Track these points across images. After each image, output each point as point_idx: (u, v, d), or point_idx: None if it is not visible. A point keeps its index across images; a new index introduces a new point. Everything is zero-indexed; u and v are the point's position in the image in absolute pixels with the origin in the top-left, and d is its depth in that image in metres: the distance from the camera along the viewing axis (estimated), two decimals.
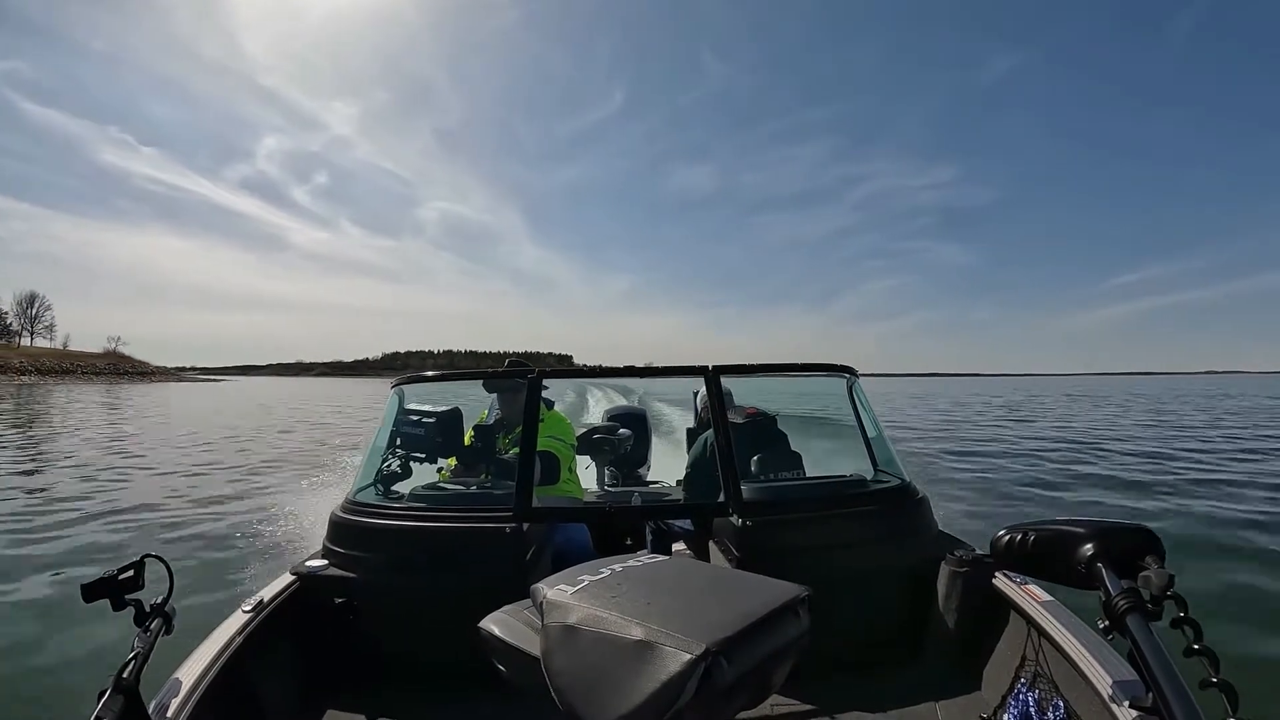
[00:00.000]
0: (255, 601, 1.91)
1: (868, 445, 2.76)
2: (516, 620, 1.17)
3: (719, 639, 0.92)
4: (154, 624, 1.28)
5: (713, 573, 1.46)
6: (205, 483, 8.88)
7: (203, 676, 1.54)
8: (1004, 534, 1.25)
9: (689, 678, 0.88)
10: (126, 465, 10.58)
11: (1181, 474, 9.61)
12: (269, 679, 1.85)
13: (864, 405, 2.81)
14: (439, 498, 2.45)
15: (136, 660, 1.19)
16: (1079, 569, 1.12)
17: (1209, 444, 13.59)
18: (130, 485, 8.73)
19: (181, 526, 6.39)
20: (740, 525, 2.11)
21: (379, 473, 2.57)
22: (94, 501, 7.54)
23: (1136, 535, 1.13)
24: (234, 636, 1.73)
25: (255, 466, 10.60)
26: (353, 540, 2.16)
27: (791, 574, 1.28)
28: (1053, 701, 1.62)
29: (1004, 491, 8.42)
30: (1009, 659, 1.88)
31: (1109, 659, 1.47)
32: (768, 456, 2.65)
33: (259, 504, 7.39)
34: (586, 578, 1.13)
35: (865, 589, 2.13)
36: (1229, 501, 7.46)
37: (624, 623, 0.97)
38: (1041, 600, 1.82)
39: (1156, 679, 0.94)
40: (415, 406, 2.79)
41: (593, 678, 0.96)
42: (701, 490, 2.77)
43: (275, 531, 5.87)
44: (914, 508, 2.32)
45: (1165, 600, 1.01)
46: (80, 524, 6.48)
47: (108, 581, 1.25)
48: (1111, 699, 1.34)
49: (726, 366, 2.46)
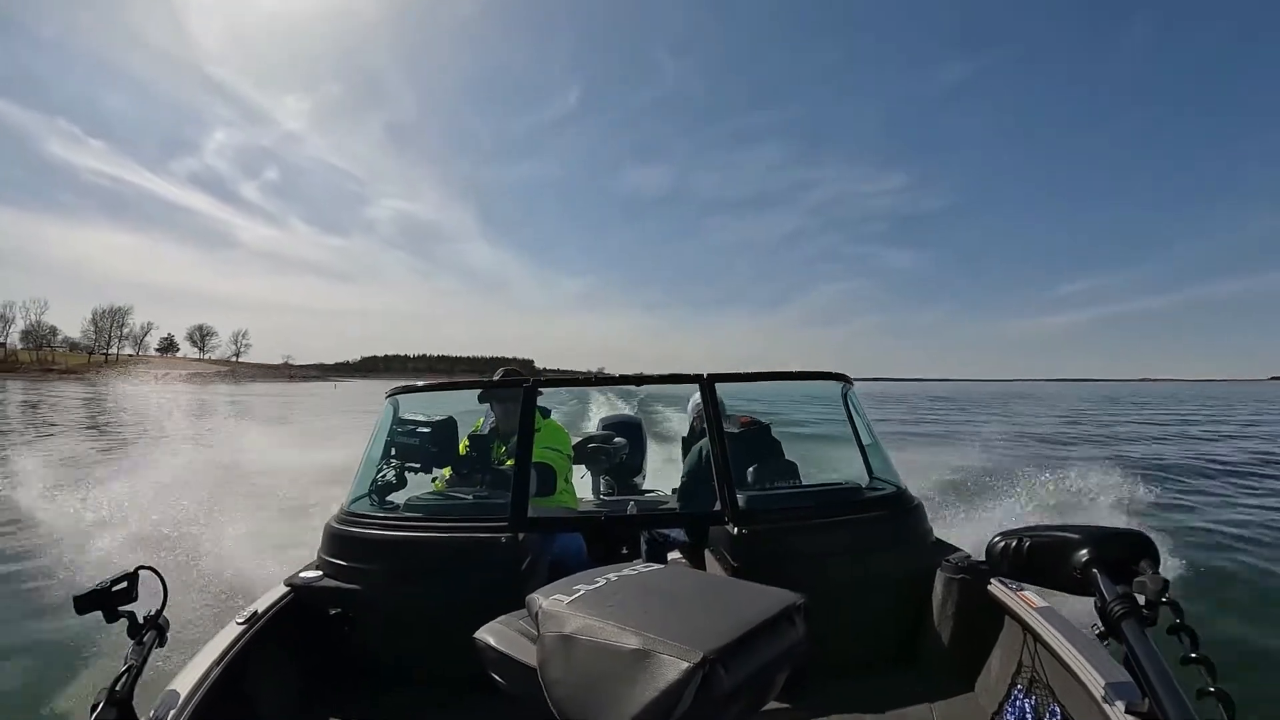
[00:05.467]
0: (250, 613, 1.89)
1: (863, 452, 2.77)
2: (512, 630, 1.17)
3: (716, 647, 0.92)
4: (148, 636, 1.28)
5: (708, 581, 1.46)
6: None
7: (197, 688, 1.52)
8: (999, 540, 1.26)
9: (686, 686, 0.88)
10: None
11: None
12: (264, 691, 1.83)
13: (858, 412, 2.82)
14: (434, 508, 2.44)
15: (130, 673, 1.18)
16: (1074, 574, 1.13)
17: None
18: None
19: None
20: (735, 533, 2.11)
21: (374, 483, 2.55)
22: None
23: (1131, 540, 1.14)
24: (228, 648, 1.71)
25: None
26: (348, 551, 2.14)
27: (787, 581, 1.29)
28: (1049, 707, 1.62)
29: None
30: (1005, 665, 1.88)
31: (1105, 664, 1.47)
32: (763, 466, 2.65)
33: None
34: (582, 587, 1.13)
35: (861, 596, 2.13)
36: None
37: (620, 632, 0.97)
38: (1037, 606, 1.82)
39: (1152, 684, 0.95)
40: (410, 416, 2.78)
41: (590, 687, 0.96)
42: (697, 499, 2.77)
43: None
44: (909, 514, 2.32)
45: (1160, 605, 1.02)
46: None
47: (101, 593, 1.24)
48: (1107, 704, 1.34)
49: (721, 375, 2.47)
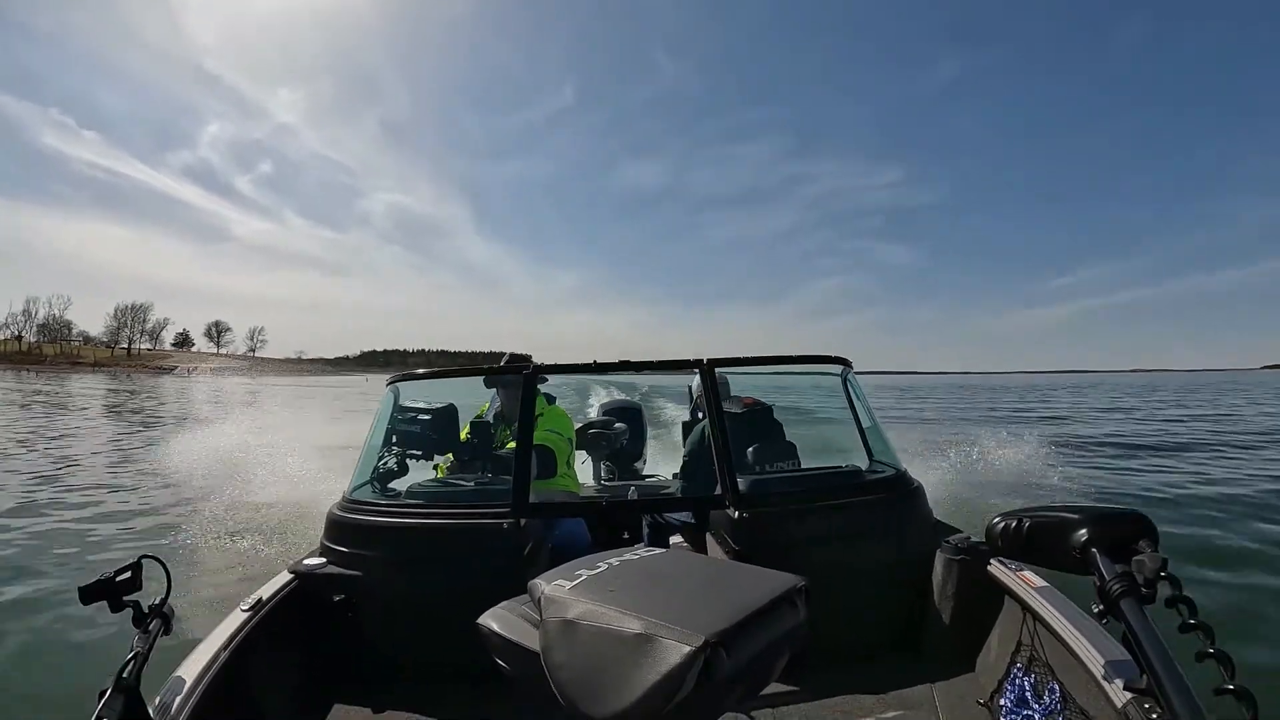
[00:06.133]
0: (254, 600, 1.91)
1: (862, 435, 2.77)
2: (515, 616, 1.18)
3: (717, 631, 0.92)
4: (153, 624, 1.28)
5: (710, 565, 1.46)
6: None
7: (203, 675, 1.54)
8: (998, 521, 1.27)
9: (689, 670, 0.88)
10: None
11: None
12: (269, 677, 1.85)
13: (858, 396, 2.82)
14: (436, 494, 2.44)
15: (136, 660, 1.19)
16: (1073, 554, 1.14)
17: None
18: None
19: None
20: (736, 517, 2.11)
21: (375, 470, 2.56)
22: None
23: (1130, 520, 1.14)
24: (233, 635, 1.73)
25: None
26: (351, 538, 2.15)
27: (788, 565, 1.29)
28: (1048, 685, 1.64)
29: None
30: (1005, 644, 1.90)
31: (1103, 642, 1.49)
32: (763, 448, 2.66)
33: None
34: (584, 572, 1.13)
35: (862, 578, 2.15)
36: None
37: (622, 616, 0.97)
38: (1036, 586, 1.84)
39: (1150, 661, 0.96)
40: (411, 403, 2.78)
41: (593, 672, 0.96)
42: (697, 483, 2.78)
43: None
44: (909, 497, 2.33)
45: (1159, 583, 1.03)
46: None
47: (106, 583, 1.24)
48: (1106, 682, 1.35)
49: (721, 359, 2.46)
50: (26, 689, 3.09)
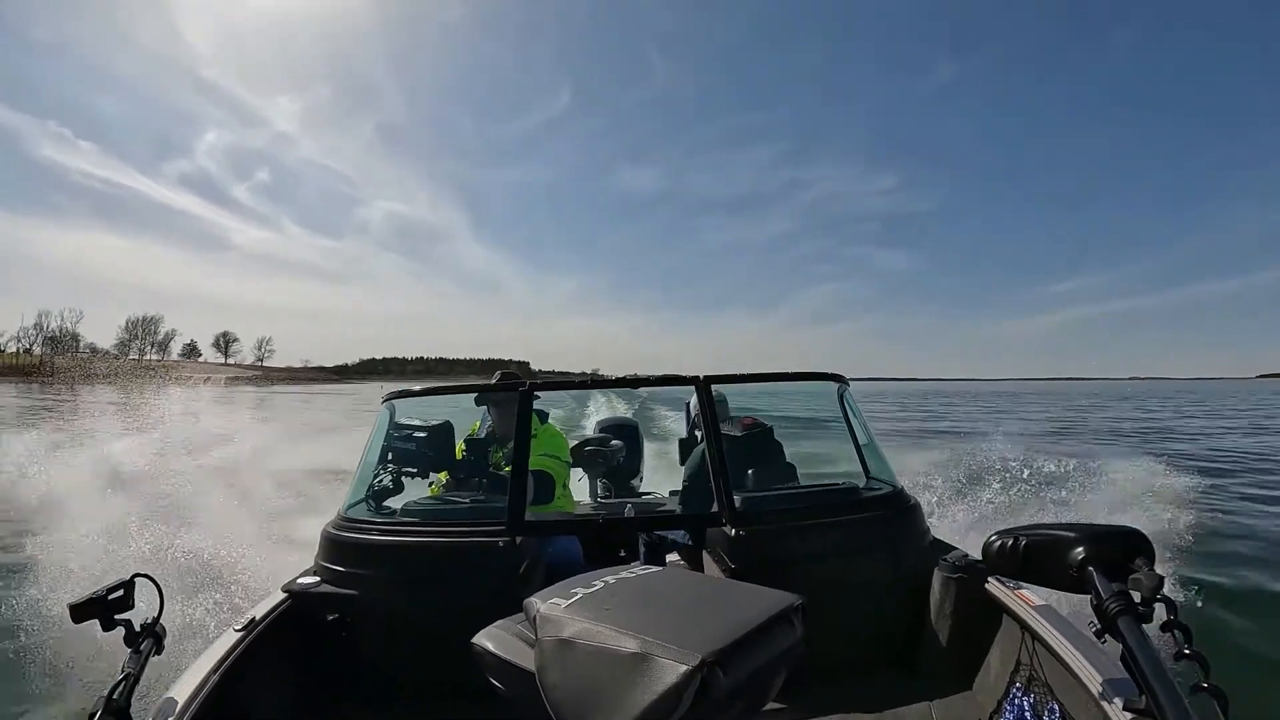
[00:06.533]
0: (247, 620, 1.88)
1: (859, 452, 2.77)
2: (510, 635, 1.17)
3: (714, 649, 0.92)
4: (144, 644, 1.27)
5: (706, 583, 1.46)
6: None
7: (195, 696, 1.51)
8: (995, 539, 1.27)
9: (685, 689, 0.88)
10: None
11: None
12: (262, 697, 1.83)
13: (854, 412, 2.82)
14: (431, 512, 2.43)
15: (127, 681, 1.18)
16: (1070, 573, 1.14)
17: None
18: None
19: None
20: (733, 535, 2.11)
21: (370, 488, 2.54)
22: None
23: (1126, 538, 1.15)
24: (226, 655, 1.70)
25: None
26: (345, 556, 2.14)
27: (785, 583, 1.29)
28: (1047, 705, 1.62)
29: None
30: (1003, 663, 1.88)
31: (1102, 661, 1.48)
32: (762, 468, 2.65)
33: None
34: (580, 590, 1.13)
35: (859, 596, 2.14)
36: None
37: (618, 635, 0.97)
38: (1034, 604, 1.83)
39: (1148, 680, 0.96)
40: (406, 421, 2.78)
41: (588, 692, 0.96)
42: (694, 500, 2.77)
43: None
44: (906, 514, 2.32)
45: (1156, 602, 1.03)
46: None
47: (97, 601, 1.24)
48: (1104, 701, 1.35)
49: (717, 376, 2.47)
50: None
